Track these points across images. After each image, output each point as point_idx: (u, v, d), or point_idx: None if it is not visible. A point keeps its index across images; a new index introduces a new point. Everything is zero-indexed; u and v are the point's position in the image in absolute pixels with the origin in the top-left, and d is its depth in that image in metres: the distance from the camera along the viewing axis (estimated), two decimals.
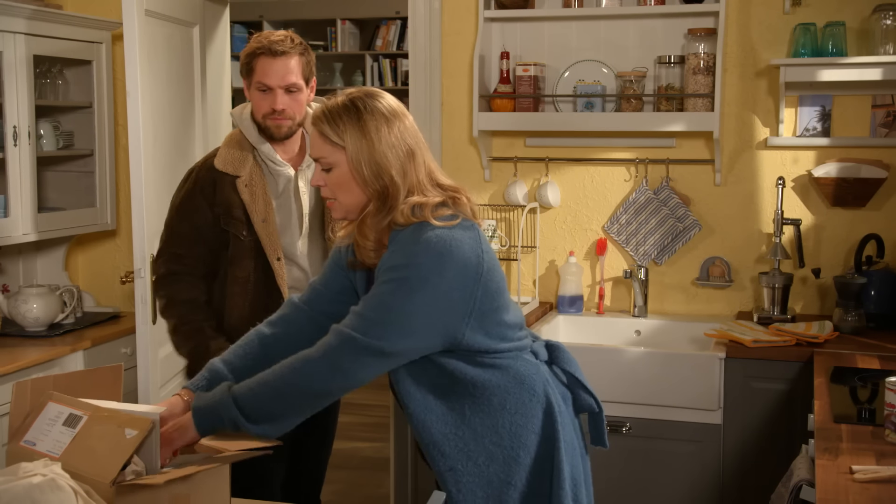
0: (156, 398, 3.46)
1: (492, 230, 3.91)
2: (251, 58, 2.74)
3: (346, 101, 2.04)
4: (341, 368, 1.98)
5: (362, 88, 2.09)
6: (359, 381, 2.01)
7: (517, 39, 3.94)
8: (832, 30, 3.55)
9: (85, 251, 4.47)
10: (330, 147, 2.04)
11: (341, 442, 3.08)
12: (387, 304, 1.96)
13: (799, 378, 3.22)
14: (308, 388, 2.00)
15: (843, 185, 3.61)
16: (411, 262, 1.96)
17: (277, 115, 2.74)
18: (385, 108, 2.04)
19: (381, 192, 2.03)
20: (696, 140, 3.83)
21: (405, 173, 2.03)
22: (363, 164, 2.01)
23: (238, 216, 2.76)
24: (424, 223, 2.00)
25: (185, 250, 2.80)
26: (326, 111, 2.05)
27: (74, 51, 3.99)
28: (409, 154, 2.04)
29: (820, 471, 2.10)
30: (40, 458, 1.79)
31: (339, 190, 2.06)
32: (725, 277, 3.82)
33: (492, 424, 2.05)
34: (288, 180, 2.81)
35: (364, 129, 2.01)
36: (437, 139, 4.06)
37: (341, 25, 8.85)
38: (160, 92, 3.55)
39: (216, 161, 2.79)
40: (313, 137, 2.07)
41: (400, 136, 2.03)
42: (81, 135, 4.14)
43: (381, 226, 2.03)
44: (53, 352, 3.63)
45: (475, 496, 2.05)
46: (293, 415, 2.02)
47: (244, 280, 2.78)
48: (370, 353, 1.97)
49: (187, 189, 2.82)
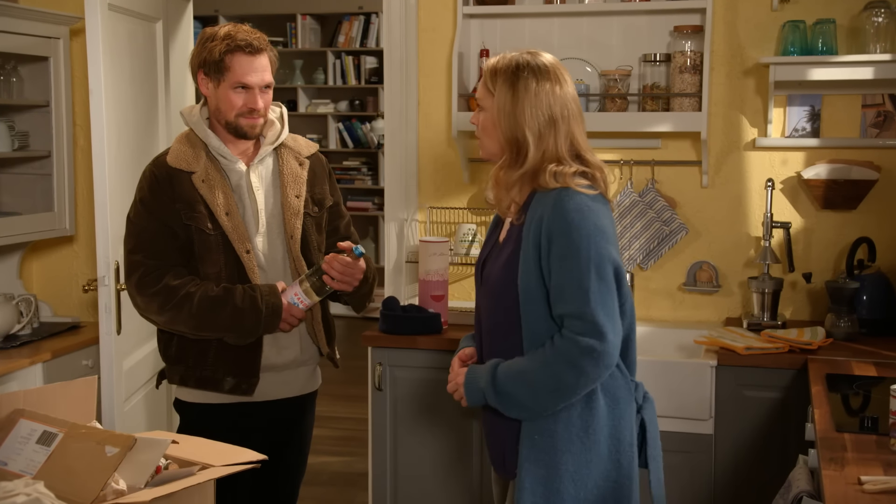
0: (120, 412, 3.38)
1: (472, 235, 3.80)
2: (224, 55, 2.65)
3: (514, 55, 2.28)
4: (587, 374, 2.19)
5: (531, 50, 2.31)
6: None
7: (497, 36, 3.87)
8: (822, 27, 3.51)
9: (40, 258, 4.31)
10: (485, 91, 2.29)
11: (310, 457, 3.02)
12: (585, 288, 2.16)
13: (792, 386, 3.18)
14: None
15: (834, 187, 3.56)
16: (573, 232, 2.16)
17: (254, 114, 2.69)
18: (540, 69, 2.25)
19: (513, 146, 2.24)
20: (683, 141, 3.77)
21: (541, 136, 2.23)
22: (503, 114, 2.23)
23: (200, 210, 2.67)
24: (568, 188, 2.20)
25: (161, 247, 2.68)
26: (496, 62, 2.29)
27: (30, 46, 3.86)
28: (551, 120, 2.23)
29: (827, 482, 2.06)
30: (14, 478, 1.75)
31: (484, 132, 2.31)
32: (713, 282, 3.76)
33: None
34: (240, 176, 2.74)
35: (514, 84, 2.23)
36: (414, 140, 3.95)
37: (301, 21, 8.72)
38: (123, 90, 3.47)
39: (168, 158, 2.71)
40: (481, 83, 2.33)
41: (546, 101, 2.23)
42: (37, 135, 4.02)
43: (512, 179, 2.25)
44: (11, 364, 3.51)
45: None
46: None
47: (216, 276, 2.68)
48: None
49: (146, 187, 2.72)
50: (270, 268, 2.75)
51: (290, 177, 2.77)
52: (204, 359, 2.69)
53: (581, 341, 2.14)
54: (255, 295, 2.62)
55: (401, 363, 3.47)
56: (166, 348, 2.76)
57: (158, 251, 2.66)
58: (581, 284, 2.15)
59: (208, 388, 2.71)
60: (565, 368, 2.16)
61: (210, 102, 2.73)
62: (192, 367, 2.71)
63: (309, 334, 2.82)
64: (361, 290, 2.78)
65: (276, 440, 2.80)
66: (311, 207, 2.80)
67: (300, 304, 2.67)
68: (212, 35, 2.69)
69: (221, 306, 2.61)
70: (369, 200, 8.80)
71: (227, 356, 2.69)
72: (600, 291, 2.16)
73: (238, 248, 2.68)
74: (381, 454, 3.53)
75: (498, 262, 2.33)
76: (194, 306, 2.61)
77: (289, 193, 2.75)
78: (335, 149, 8.84)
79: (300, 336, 2.79)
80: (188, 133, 2.77)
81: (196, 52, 2.71)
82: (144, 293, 2.66)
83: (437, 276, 3.53)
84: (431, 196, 4.00)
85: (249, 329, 2.64)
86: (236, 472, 1.91)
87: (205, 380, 2.70)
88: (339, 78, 8.81)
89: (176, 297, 2.62)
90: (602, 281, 2.17)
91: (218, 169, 2.72)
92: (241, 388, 2.70)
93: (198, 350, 2.70)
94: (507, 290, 2.27)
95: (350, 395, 6.07)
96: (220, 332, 2.65)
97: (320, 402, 3.04)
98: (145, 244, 2.67)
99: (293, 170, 2.79)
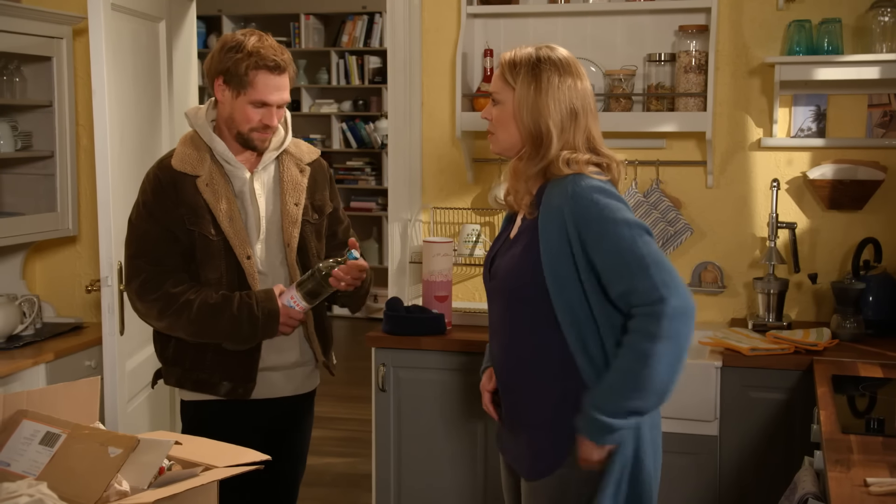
0: (123, 413, 3.37)
1: (475, 235, 3.78)
2: (249, 70, 2.63)
3: (535, 51, 2.27)
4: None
5: (548, 44, 2.30)
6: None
7: (501, 36, 3.85)
8: (828, 27, 3.49)
9: (43, 258, 4.30)
10: (503, 84, 2.27)
11: (312, 458, 3.01)
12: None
13: (798, 387, 3.16)
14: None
15: (840, 188, 3.55)
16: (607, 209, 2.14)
17: (267, 130, 2.69)
18: (561, 64, 2.25)
19: (535, 139, 2.23)
20: (688, 141, 3.76)
21: (563, 128, 2.22)
22: (525, 107, 2.23)
23: (203, 215, 2.66)
24: (581, 174, 2.20)
25: (165, 252, 2.67)
26: (513, 55, 2.28)
27: (33, 46, 3.85)
28: (572, 113, 2.23)
29: (833, 484, 2.05)
30: (17, 479, 1.75)
31: (500, 126, 2.29)
32: (718, 283, 3.74)
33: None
34: (244, 182, 2.73)
35: (536, 77, 2.23)
36: (417, 140, 3.94)
37: (305, 21, 8.70)
38: (126, 90, 3.46)
39: (173, 161, 2.69)
40: (495, 75, 2.31)
41: (567, 93, 2.23)
42: (40, 135, 4.00)
43: (531, 172, 2.25)
44: (13, 365, 3.49)
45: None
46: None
47: (216, 281, 2.68)
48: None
49: (149, 190, 2.70)
50: (270, 273, 2.75)
51: (290, 184, 2.77)
52: (201, 362, 2.69)
53: (658, 309, 2.07)
54: (251, 303, 2.62)
55: (404, 364, 3.46)
56: (163, 350, 2.76)
57: (160, 256, 2.66)
58: (631, 256, 2.11)
59: (205, 391, 2.71)
60: (663, 344, 2.07)
61: (223, 109, 2.70)
62: (189, 370, 2.71)
63: (306, 339, 2.82)
64: (359, 293, 2.79)
65: (276, 439, 2.80)
66: (310, 214, 2.79)
67: (296, 306, 2.67)
68: (237, 45, 2.64)
69: (219, 314, 2.61)
70: (373, 201, 8.78)
71: (225, 360, 2.68)
72: (650, 254, 2.11)
73: (239, 254, 2.67)
74: (385, 455, 3.52)
75: (509, 256, 2.30)
76: (193, 313, 2.61)
77: (288, 201, 2.75)
78: (339, 149, 8.83)
79: (300, 340, 2.79)
80: (192, 135, 2.76)
81: (217, 59, 2.67)
82: (145, 299, 2.66)
83: (441, 277, 3.52)
84: (435, 196, 3.98)
85: (246, 336, 2.64)
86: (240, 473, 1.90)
87: (201, 383, 2.70)
88: (343, 78, 8.79)
89: (176, 303, 2.62)
90: (647, 244, 2.13)
91: (222, 174, 2.70)
92: (238, 392, 2.70)
93: (195, 353, 2.69)
94: (521, 281, 2.24)
95: (353, 396, 6.06)
96: (218, 339, 2.65)
97: (324, 403, 3.03)
98: (147, 249, 2.67)
99: (293, 177, 2.78)
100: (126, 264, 2.71)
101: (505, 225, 2.46)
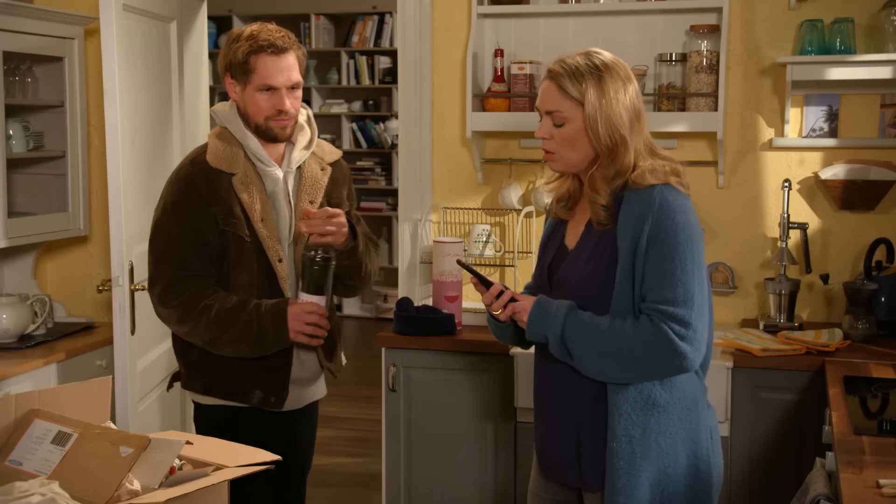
0: (134, 413, 3.37)
1: (486, 236, 3.78)
2: (249, 56, 2.58)
3: (587, 58, 2.17)
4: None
5: (590, 49, 2.22)
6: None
7: (512, 36, 3.85)
8: (840, 26, 3.48)
9: (55, 258, 4.31)
10: (569, 103, 2.17)
11: (322, 458, 2.99)
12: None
13: (809, 388, 3.15)
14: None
15: (852, 188, 3.53)
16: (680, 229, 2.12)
17: (283, 115, 2.61)
18: (622, 69, 2.19)
19: (612, 150, 2.16)
20: (699, 141, 3.75)
21: (632, 134, 2.16)
22: (599, 121, 2.15)
23: (238, 216, 2.60)
24: (667, 185, 2.15)
25: (192, 255, 2.60)
26: (568, 67, 2.17)
27: (45, 47, 3.86)
28: (638, 116, 2.18)
29: (845, 485, 2.04)
30: (28, 478, 1.75)
31: (566, 145, 2.20)
32: (729, 283, 3.73)
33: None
34: (276, 182, 2.67)
35: (604, 87, 2.15)
36: (428, 140, 3.94)
37: (315, 21, 8.72)
38: (137, 91, 3.47)
39: (208, 157, 2.62)
40: (549, 91, 2.20)
41: (633, 98, 2.18)
42: (52, 135, 4.01)
43: (609, 181, 2.17)
44: (25, 365, 3.50)
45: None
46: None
47: (248, 284, 2.62)
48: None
49: (181, 189, 2.62)
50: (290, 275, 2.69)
51: (310, 180, 2.71)
52: (231, 370, 2.63)
53: (676, 344, 2.10)
54: (260, 304, 2.57)
55: (415, 364, 3.46)
56: (185, 354, 2.70)
57: (185, 261, 2.59)
58: (685, 286, 2.11)
59: (236, 400, 2.66)
60: (650, 359, 2.12)
61: (239, 107, 2.65)
62: (219, 378, 2.65)
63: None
64: (353, 256, 2.68)
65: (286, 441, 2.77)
66: None
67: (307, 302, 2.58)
68: (237, 36, 2.61)
69: (234, 318, 2.55)
70: (383, 201, 8.79)
71: (257, 369, 2.63)
72: (700, 296, 2.13)
73: (271, 257, 2.62)
74: (395, 455, 3.52)
75: (581, 265, 2.24)
76: (211, 318, 2.56)
77: (303, 198, 2.69)
78: (349, 149, 8.83)
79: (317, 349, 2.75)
80: (220, 131, 2.68)
81: (222, 55, 2.64)
82: (167, 304, 2.61)
83: (451, 277, 3.52)
84: (445, 196, 3.98)
85: (255, 340, 2.57)
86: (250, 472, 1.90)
87: (232, 392, 2.65)
88: (353, 78, 8.80)
89: (195, 308, 2.57)
90: (701, 288, 2.14)
91: (255, 172, 2.64)
92: (270, 402, 2.66)
93: (225, 360, 2.63)
94: (596, 290, 2.20)
95: (364, 396, 6.06)
96: (231, 346, 2.58)
97: (334, 404, 3.03)
98: (172, 254, 2.60)
99: (314, 174, 2.72)
100: (150, 268, 2.64)
101: (549, 231, 2.38)
